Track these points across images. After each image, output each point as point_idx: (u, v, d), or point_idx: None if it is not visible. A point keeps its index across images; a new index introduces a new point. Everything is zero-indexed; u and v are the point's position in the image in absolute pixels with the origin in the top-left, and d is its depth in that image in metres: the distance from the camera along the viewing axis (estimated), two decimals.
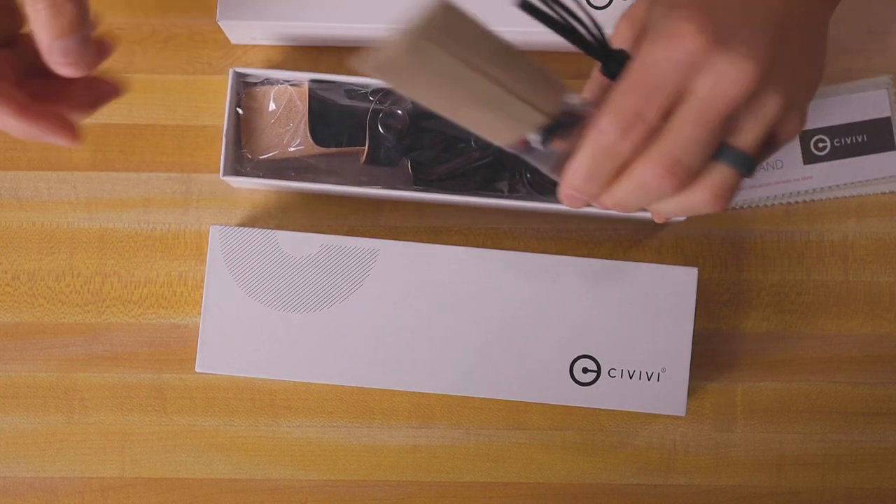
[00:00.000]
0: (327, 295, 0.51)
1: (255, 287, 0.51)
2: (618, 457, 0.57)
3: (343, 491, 0.57)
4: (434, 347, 0.51)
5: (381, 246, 0.51)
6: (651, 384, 0.51)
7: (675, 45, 0.36)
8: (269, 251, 0.51)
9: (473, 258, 0.51)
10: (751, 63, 0.36)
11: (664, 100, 0.37)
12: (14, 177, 0.58)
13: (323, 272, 0.51)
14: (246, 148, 0.54)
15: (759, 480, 0.57)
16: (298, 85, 0.54)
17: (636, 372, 0.51)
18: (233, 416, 0.57)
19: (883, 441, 0.57)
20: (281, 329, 0.51)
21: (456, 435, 0.57)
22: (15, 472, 0.57)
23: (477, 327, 0.51)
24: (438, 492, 0.57)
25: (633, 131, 0.37)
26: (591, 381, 0.51)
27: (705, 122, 0.37)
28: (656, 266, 0.51)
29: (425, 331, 0.51)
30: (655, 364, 0.51)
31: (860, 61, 0.58)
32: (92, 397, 0.57)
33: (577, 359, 0.51)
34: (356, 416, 0.57)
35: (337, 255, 0.51)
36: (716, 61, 0.36)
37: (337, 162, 0.55)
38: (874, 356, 0.57)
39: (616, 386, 0.51)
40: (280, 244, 0.51)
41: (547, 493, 0.57)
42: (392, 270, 0.51)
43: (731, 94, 0.36)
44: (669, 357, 0.51)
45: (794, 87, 0.39)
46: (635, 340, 0.51)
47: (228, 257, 0.51)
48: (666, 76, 0.36)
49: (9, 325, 0.58)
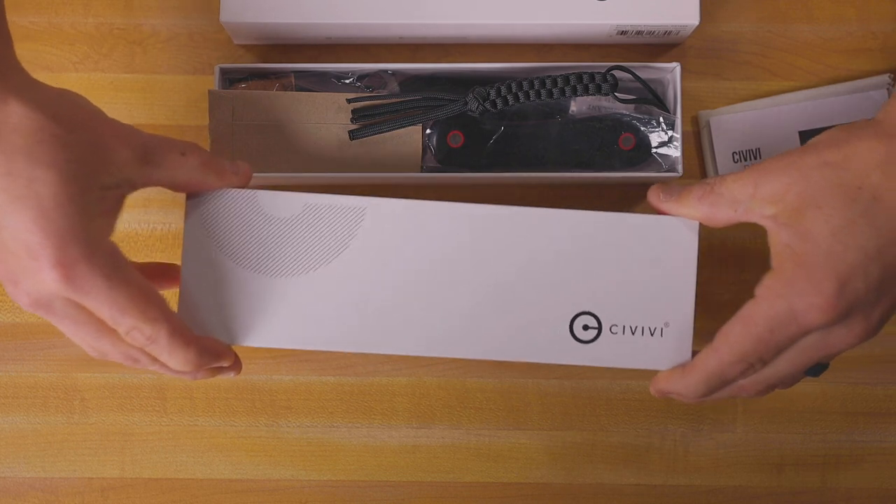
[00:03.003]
0: (312, 257, 0.48)
1: (236, 250, 0.48)
2: (618, 457, 0.57)
3: (343, 491, 0.57)
4: (427, 309, 0.48)
5: (368, 204, 0.48)
6: (654, 339, 0.48)
7: (805, 318, 0.42)
8: (249, 212, 0.48)
9: (465, 215, 0.48)
10: (862, 330, 0.43)
11: (782, 350, 0.44)
12: None
13: (307, 233, 0.48)
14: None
15: (759, 480, 0.57)
16: (284, 77, 0.54)
17: (638, 328, 0.49)
18: (233, 416, 0.57)
19: (883, 441, 0.57)
20: (263, 294, 0.48)
21: (456, 435, 0.57)
22: (15, 472, 0.57)
23: (472, 287, 0.48)
24: (438, 492, 0.57)
25: (752, 369, 0.45)
26: (592, 339, 0.49)
27: (804, 364, 0.45)
28: (656, 217, 0.48)
29: (417, 291, 0.48)
30: (658, 319, 0.48)
31: (860, 61, 0.58)
32: (92, 397, 0.57)
33: (577, 316, 0.48)
34: (356, 416, 0.57)
35: (321, 215, 0.48)
36: (833, 330, 0.43)
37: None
38: (874, 356, 0.57)
39: (618, 343, 0.48)
40: (261, 204, 0.48)
41: (547, 493, 0.57)
42: (380, 229, 0.48)
43: (836, 348, 0.44)
44: (672, 311, 0.48)
45: (880, 329, 0.45)
46: (637, 295, 0.48)
47: (206, 221, 0.48)
48: (791, 337, 0.43)
49: (9, 325, 0.58)
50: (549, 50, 0.58)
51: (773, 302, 0.43)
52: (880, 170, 0.42)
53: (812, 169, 0.42)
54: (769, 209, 0.43)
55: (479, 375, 0.57)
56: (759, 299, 0.43)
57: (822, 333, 0.43)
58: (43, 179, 0.39)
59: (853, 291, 0.42)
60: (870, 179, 0.42)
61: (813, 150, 0.43)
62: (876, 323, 0.43)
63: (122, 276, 0.41)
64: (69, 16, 0.58)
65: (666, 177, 0.54)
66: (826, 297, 0.41)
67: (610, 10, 0.53)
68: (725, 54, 0.58)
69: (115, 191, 0.42)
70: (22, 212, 0.39)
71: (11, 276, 0.40)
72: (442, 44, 0.58)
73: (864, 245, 0.41)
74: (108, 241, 0.42)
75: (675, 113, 0.54)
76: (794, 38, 0.58)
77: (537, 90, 0.51)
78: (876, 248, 0.41)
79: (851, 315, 0.42)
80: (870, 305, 0.42)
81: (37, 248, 0.39)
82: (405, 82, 0.55)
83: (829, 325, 0.42)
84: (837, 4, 0.58)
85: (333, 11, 0.53)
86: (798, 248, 0.42)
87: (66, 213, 0.39)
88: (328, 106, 0.54)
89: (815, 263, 0.42)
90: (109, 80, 0.58)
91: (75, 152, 0.40)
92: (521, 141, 0.54)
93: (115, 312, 0.41)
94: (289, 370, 0.57)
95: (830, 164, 0.42)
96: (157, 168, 0.43)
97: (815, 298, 0.42)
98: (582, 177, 0.54)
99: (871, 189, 0.42)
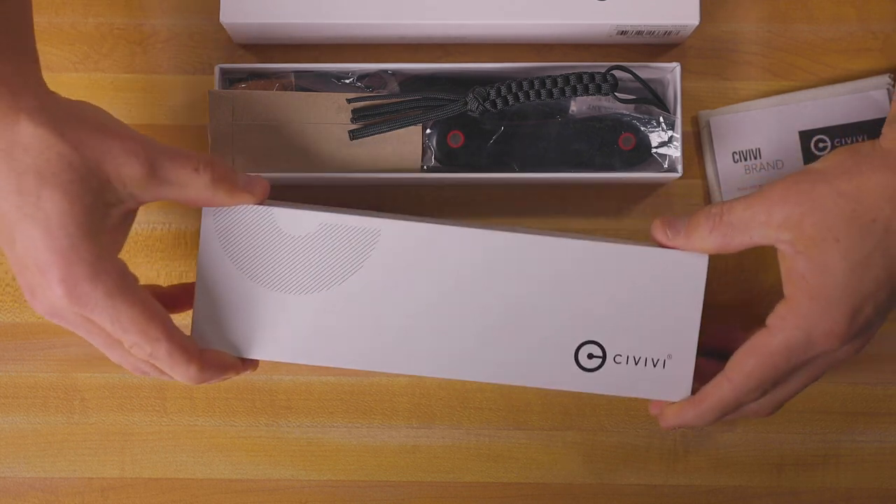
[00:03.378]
0: (326, 275, 0.49)
1: (250, 264, 0.49)
2: (618, 457, 0.57)
3: (343, 491, 0.57)
4: (436, 331, 0.49)
5: (384, 225, 0.49)
6: (657, 370, 0.49)
7: (820, 345, 0.45)
8: (265, 228, 0.49)
9: (479, 240, 0.49)
10: (863, 342, 0.47)
11: (797, 371, 0.46)
12: None
13: (322, 251, 0.49)
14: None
15: (759, 480, 0.57)
16: (284, 77, 0.54)
17: (641, 358, 0.50)
18: (233, 416, 0.57)
19: (883, 441, 0.57)
20: (276, 309, 0.49)
21: (456, 435, 0.57)
22: (15, 472, 0.57)
23: (481, 311, 0.49)
24: (438, 492, 0.57)
25: (765, 394, 0.47)
26: (596, 367, 0.50)
27: (812, 380, 0.48)
28: (665, 251, 0.49)
29: (427, 313, 0.49)
30: (662, 350, 0.50)
31: (860, 61, 0.58)
32: (92, 397, 0.57)
33: (582, 344, 0.50)
34: (356, 416, 0.57)
35: (337, 234, 0.49)
36: (839, 350, 0.46)
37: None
38: (874, 356, 0.57)
39: (621, 372, 0.50)
40: (276, 221, 0.49)
41: (547, 493, 0.57)
42: (394, 250, 0.49)
43: (840, 361, 0.47)
44: (675, 344, 0.49)
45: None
46: (642, 326, 0.49)
47: (222, 234, 0.49)
48: (805, 361, 0.46)
49: (9, 325, 0.58)
50: (549, 50, 0.58)
51: (789, 333, 0.45)
52: (891, 203, 0.44)
53: (826, 199, 0.44)
54: (785, 235, 0.45)
55: None
56: (775, 329, 0.45)
57: (825, 356, 0.47)
58: (49, 198, 0.40)
59: (865, 318, 0.45)
60: (883, 212, 0.44)
61: (823, 179, 0.45)
62: (874, 333, 0.47)
63: (125, 295, 0.42)
64: (69, 16, 0.58)
65: (666, 177, 0.54)
66: (841, 326, 0.44)
67: (610, 10, 0.53)
68: (725, 54, 0.58)
69: (121, 207, 0.43)
70: (31, 229, 0.41)
71: (29, 287, 0.43)
72: (442, 44, 0.58)
73: (877, 276, 0.44)
74: (114, 259, 0.43)
75: (675, 113, 0.54)
76: (794, 38, 0.58)
77: (537, 90, 0.51)
78: (887, 277, 0.44)
79: (856, 338, 0.46)
80: (875, 325, 0.46)
81: (44, 266, 0.41)
82: (405, 82, 0.55)
83: (832, 347, 0.45)
84: (837, 4, 0.58)
85: (333, 11, 0.53)
86: (814, 281, 0.44)
87: (70, 233, 0.41)
88: (328, 106, 0.54)
89: (832, 297, 0.44)
90: (109, 80, 0.58)
91: (80, 171, 0.41)
92: (521, 141, 0.54)
93: (118, 329, 0.43)
94: (289, 370, 0.57)
95: (844, 196, 0.44)
96: (166, 185, 0.44)
97: (832, 327, 0.44)
98: (582, 177, 0.54)
99: (884, 221, 0.44)
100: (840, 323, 0.44)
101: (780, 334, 0.45)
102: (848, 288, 0.44)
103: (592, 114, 0.54)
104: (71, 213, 0.41)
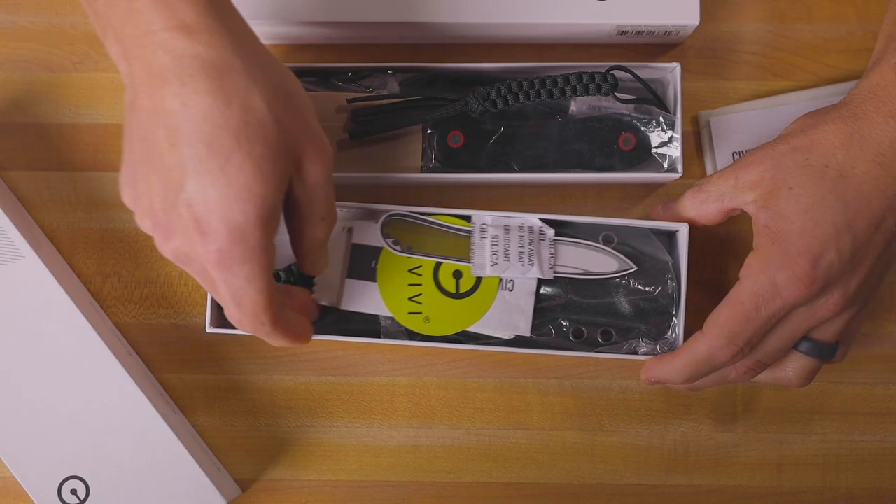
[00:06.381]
0: None
1: None
2: (618, 457, 0.57)
3: (343, 491, 0.57)
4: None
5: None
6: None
7: (786, 292, 0.45)
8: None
9: None
10: (840, 297, 0.45)
11: (770, 328, 0.46)
12: (15, 177, 0.58)
13: None
14: None
15: (759, 480, 0.57)
16: None
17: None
18: (233, 416, 0.57)
19: (883, 441, 0.57)
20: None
21: (456, 435, 0.57)
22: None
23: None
24: (438, 492, 0.57)
25: (741, 354, 0.47)
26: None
27: (793, 338, 0.47)
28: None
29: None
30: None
31: (861, 61, 0.58)
32: None
33: None
34: (356, 416, 0.57)
35: None
36: (816, 302, 0.46)
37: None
38: (874, 356, 0.57)
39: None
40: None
41: (547, 493, 0.57)
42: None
43: (820, 318, 0.46)
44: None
45: (867, 298, 0.48)
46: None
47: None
48: (776, 312, 0.45)
49: None
50: (549, 50, 0.58)
51: (755, 279, 0.45)
52: (844, 148, 0.45)
53: (783, 155, 0.46)
54: (749, 195, 0.47)
55: (479, 375, 0.57)
56: (743, 279, 0.46)
57: (806, 307, 0.46)
58: (240, 167, 0.39)
59: (827, 263, 0.44)
60: (835, 158, 0.45)
61: (784, 139, 0.47)
62: (854, 290, 0.46)
63: (260, 283, 0.41)
64: (69, 16, 0.58)
65: (666, 177, 0.54)
66: (803, 270, 0.44)
67: (610, 10, 0.53)
68: (725, 54, 0.58)
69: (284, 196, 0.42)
70: (209, 188, 0.39)
71: (167, 231, 0.40)
72: (442, 44, 0.58)
73: (834, 219, 0.44)
74: (270, 248, 0.41)
75: (675, 113, 0.54)
76: (794, 38, 0.58)
77: (537, 90, 0.51)
78: (845, 221, 0.44)
79: (830, 286, 0.45)
80: (846, 275, 0.45)
81: (207, 230, 0.39)
82: (405, 82, 0.55)
83: (810, 298, 0.45)
84: (837, 4, 0.58)
85: (333, 11, 0.53)
86: (774, 228, 0.45)
87: (246, 211, 0.39)
88: (328, 106, 0.54)
89: (790, 239, 0.45)
90: (109, 80, 0.58)
91: (276, 152, 0.40)
92: (521, 141, 0.54)
93: (232, 307, 0.42)
94: (289, 370, 0.57)
95: (799, 149, 0.46)
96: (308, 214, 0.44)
97: (794, 271, 0.44)
98: (582, 177, 0.54)
99: (837, 167, 0.45)
100: (801, 266, 0.44)
101: (748, 282, 0.46)
102: (805, 231, 0.44)
103: (592, 114, 0.54)
104: (254, 191, 0.39)
